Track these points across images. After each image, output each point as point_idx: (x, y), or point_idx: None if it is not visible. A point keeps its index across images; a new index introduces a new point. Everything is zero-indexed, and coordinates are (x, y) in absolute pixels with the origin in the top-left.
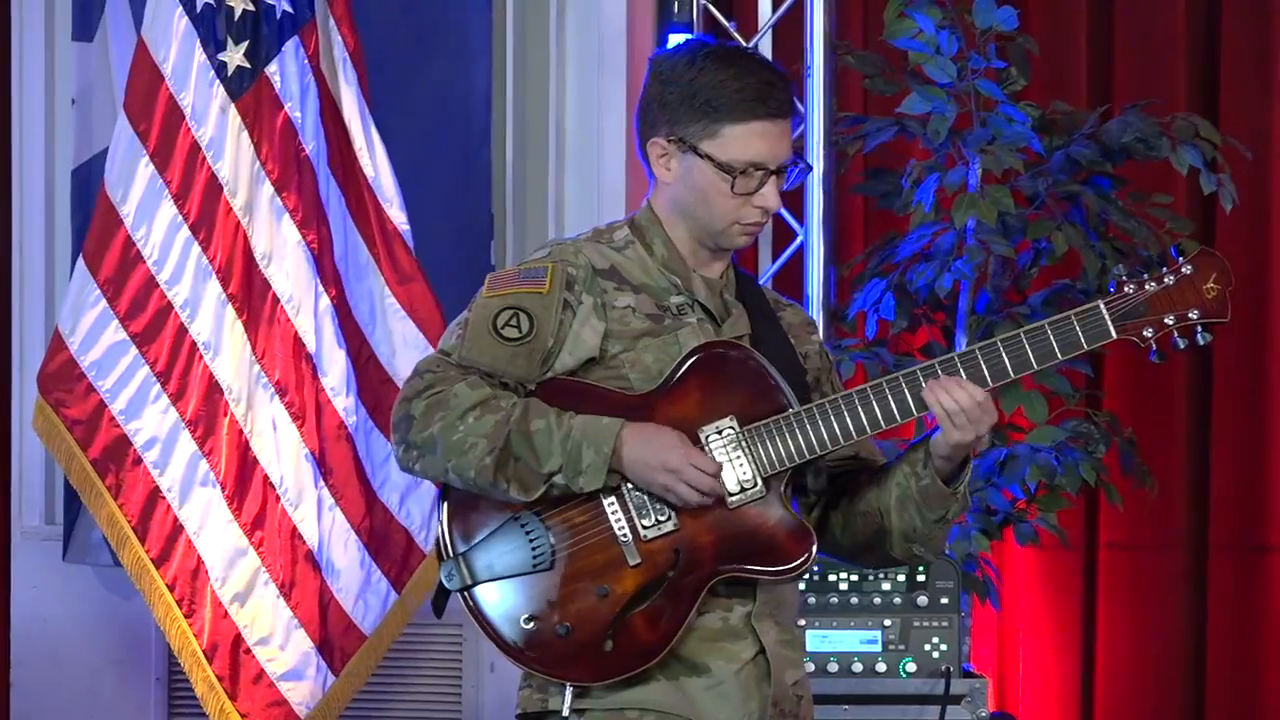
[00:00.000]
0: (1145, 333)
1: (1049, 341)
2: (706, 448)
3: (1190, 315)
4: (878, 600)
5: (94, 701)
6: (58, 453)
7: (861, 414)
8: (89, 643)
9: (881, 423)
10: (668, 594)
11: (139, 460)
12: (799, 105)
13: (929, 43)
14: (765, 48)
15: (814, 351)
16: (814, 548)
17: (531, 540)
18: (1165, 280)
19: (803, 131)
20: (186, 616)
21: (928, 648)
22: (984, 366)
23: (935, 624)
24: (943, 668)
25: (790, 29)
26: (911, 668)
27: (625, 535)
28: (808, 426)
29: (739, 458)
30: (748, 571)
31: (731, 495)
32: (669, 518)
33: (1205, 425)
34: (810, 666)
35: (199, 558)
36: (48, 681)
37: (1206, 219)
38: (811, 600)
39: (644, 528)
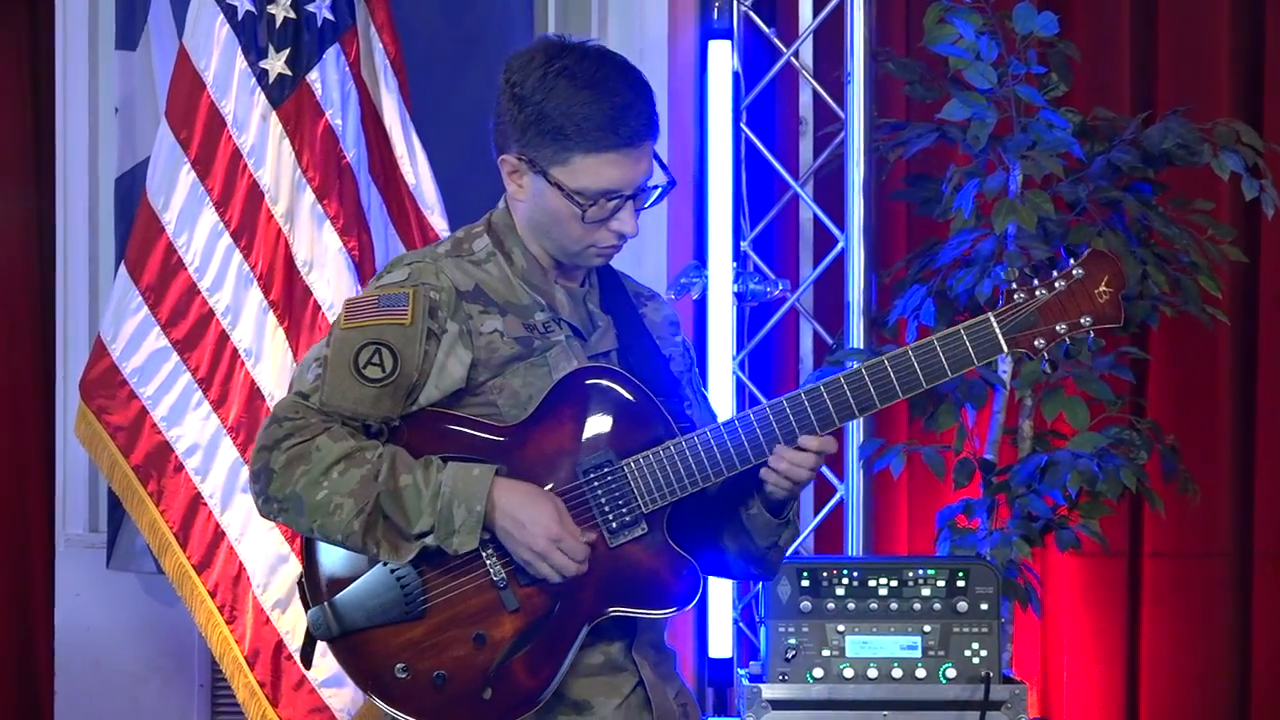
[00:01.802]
0: (1037, 343)
1: (938, 359)
2: (584, 487)
3: (1083, 322)
4: (917, 606)
5: (137, 709)
6: (100, 459)
7: (746, 446)
8: (132, 650)
9: (751, 460)
10: (547, 638)
11: (180, 467)
12: (658, 123)
13: (969, 48)
14: (806, 54)
15: (678, 353)
16: (699, 584)
17: (403, 586)
18: (1056, 286)
19: (841, 140)
20: (228, 623)
21: (968, 653)
22: (852, 400)
23: (975, 629)
24: (983, 673)
25: (831, 35)
26: (951, 673)
27: (502, 580)
28: (690, 458)
29: (618, 494)
30: (632, 613)
31: (611, 534)
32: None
33: (1249, 432)
34: (849, 672)
35: (240, 564)
36: (91, 689)
37: (1250, 225)
38: (851, 606)
39: (520, 572)
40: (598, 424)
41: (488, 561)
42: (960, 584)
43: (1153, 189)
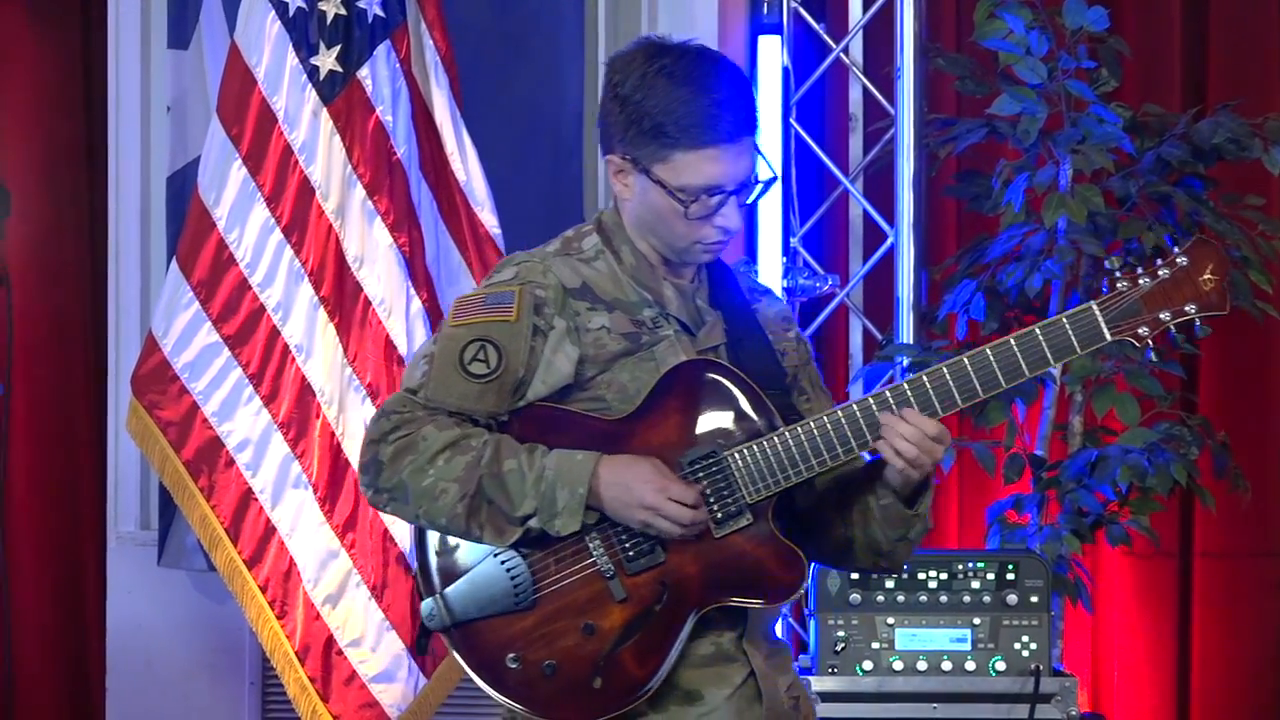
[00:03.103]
0: (1140, 331)
1: (1040, 348)
2: (687, 478)
3: (1187, 309)
4: (967, 599)
5: (188, 706)
6: (151, 454)
7: (850, 436)
8: (183, 647)
9: (855, 451)
10: (655, 627)
11: (231, 462)
12: (758, 118)
13: (1019, 43)
14: (856, 50)
15: (791, 347)
16: (805, 573)
17: (513, 577)
18: (1159, 274)
19: (891, 136)
20: (279, 618)
21: (1017, 646)
22: (954, 388)
23: (1025, 623)
24: (1032, 666)
25: (881, 31)
26: (1001, 666)
27: (609, 570)
28: (793, 449)
29: (723, 485)
30: (736, 602)
31: (717, 524)
32: (654, 551)
33: None
34: (899, 664)
35: (291, 559)
36: (142, 686)
37: None
38: (900, 598)
39: (628, 561)
40: (702, 415)
41: (594, 552)
42: (1010, 577)
43: (1203, 184)
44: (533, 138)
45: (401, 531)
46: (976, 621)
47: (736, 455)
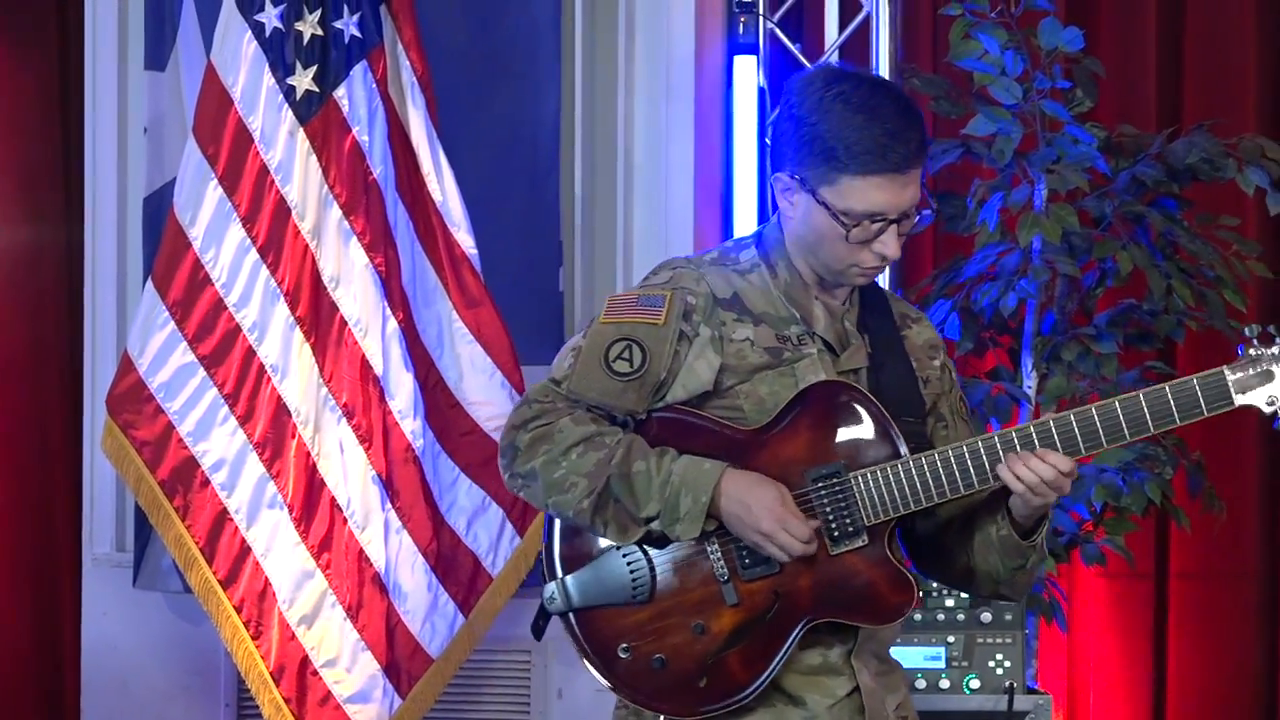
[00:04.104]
0: (1269, 397)
1: (1168, 405)
2: (810, 493)
3: None
4: (941, 617)
5: None
6: (126, 474)
7: (971, 471)
8: (159, 669)
9: (975, 485)
10: (763, 635)
11: (207, 482)
12: (927, 147)
13: (994, 64)
14: None
15: (934, 375)
16: (914, 599)
17: (633, 572)
18: None
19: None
20: (254, 638)
21: (991, 664)
22: (1076, 434)
23: (999, 640)
24: (1006, 684)
25: (856, 51)
26: (975, 684)
27: (724, 575)
28: (915, 477)
29: (843, 504)
30: (844, 620)
31: (833, 542)
32: (769, 560)
33: (1277, 451)
34: None
35: (266, 579)
36: (117, 708)
37: (1278, 242)
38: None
39: (744, 569)
40: (833, 435)
41: (711, 556)
42: None
43: (1177, 204)
44: (509, 159)
45: (377, 552)
46: (951, 640)
47: (860, 478)
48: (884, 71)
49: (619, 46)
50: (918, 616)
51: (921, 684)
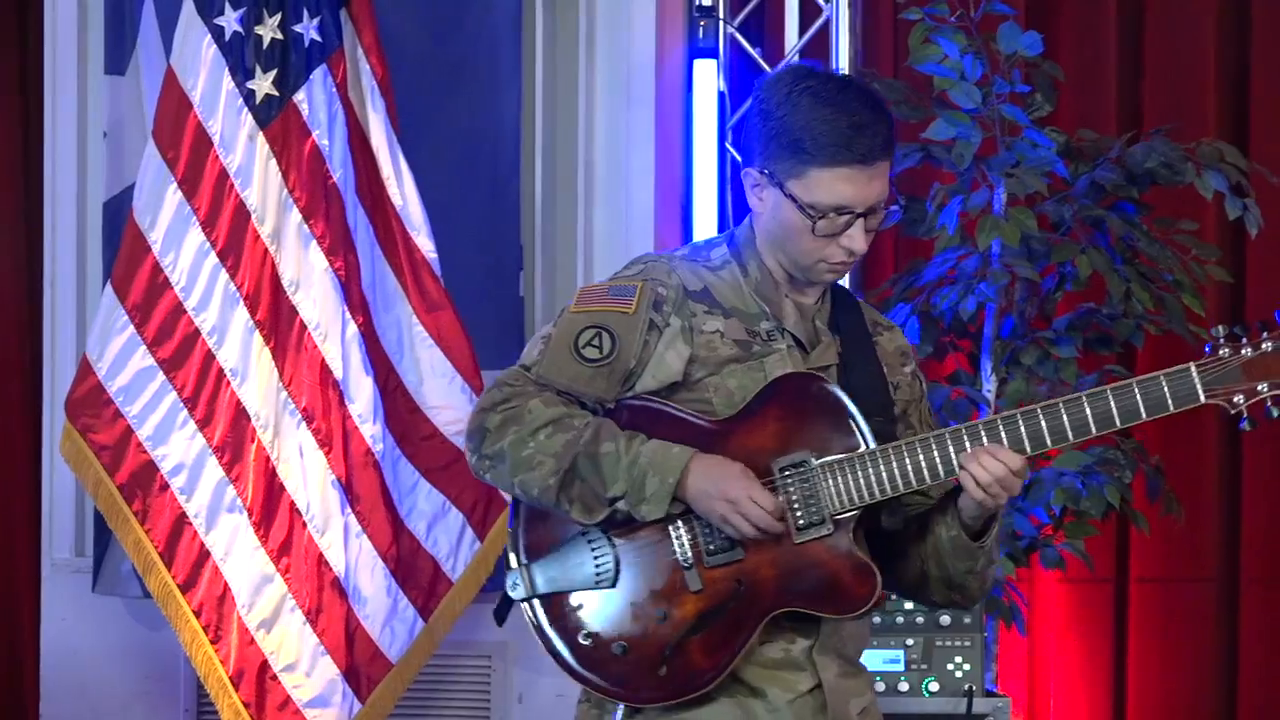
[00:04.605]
0: (1235, 398)
1: (1135, 401)
2: (777, 481)
3: None
4: (900, 620)
5: None
6: (85, 478)
7: (938, 460)
8: (118, 674)
9: (941, 476)
10: (727, 623)
11: (166, 486)
12: (893, 143)
13: (954, 68)
14: None
15: (905, 382)
16: (878, 589)
17: (596, 557)
18: (1263, 346)
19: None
20: (213, 642)
21: (950, 667)
22: (1045, 429)
23: (958, 644)
24: (965, 687)
25: (817, 55)
26: (934, 687)
27: (688, 561)
28: (881, 467)
29: (809, 494)
30: (807, 610)
31: (798, 530)
32: (734, 548)
33: (1236, 455)
34: None
35: (225, 584)
36: (77, 713)
37: (1236, 246)
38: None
39: (708, 555)
40: (800, 426)
41: (675, 541)
42: None
43: (1136, 208)
44: (470, 163)
45: (336, 557)
46: (910, 642)
47: (826, 468)
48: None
49: (579, 51)
50: (877, 619)
51: (881, 686)
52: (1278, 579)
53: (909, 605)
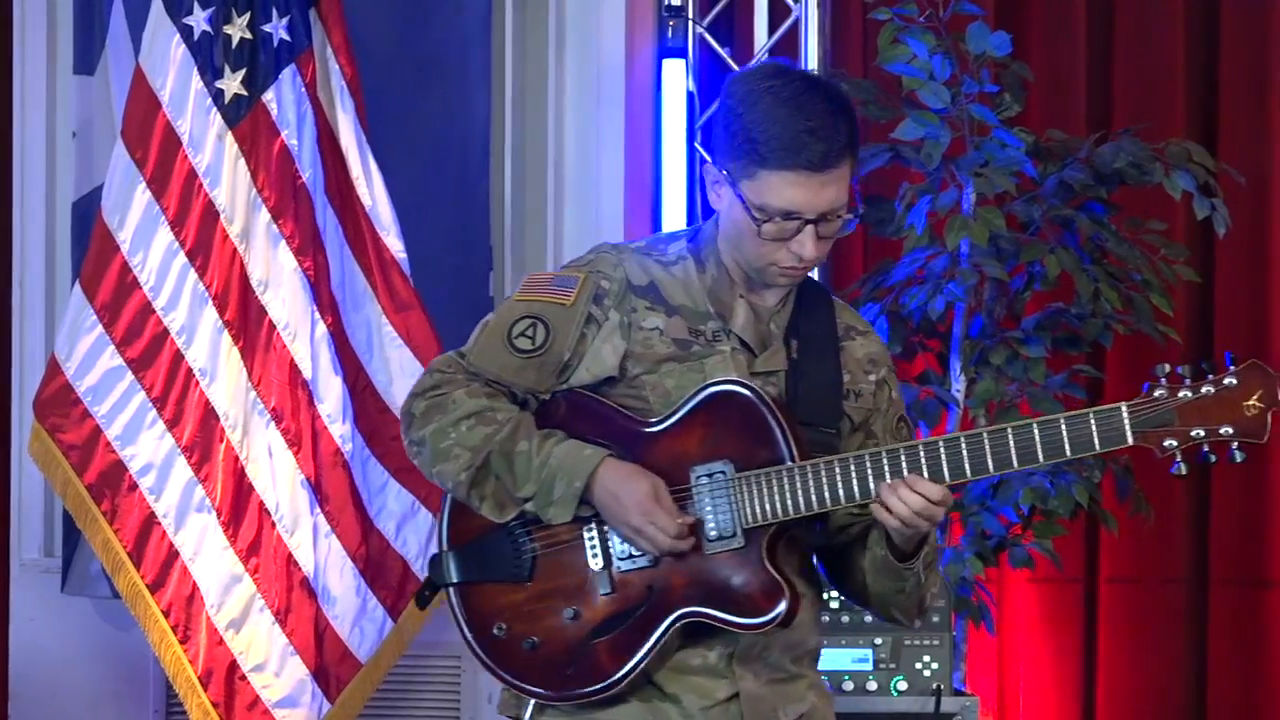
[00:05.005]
0: (1167, 443)
1: (1060, 438)
2: (693, 489)
3: (1222, 431)
4: (868, 619)
5: None
6: (54, 478)
7: (854, 483)
8: (87, 674)
9: (857, 498)
10: (635, 627)
11: (134, 486)
12: (853, 151)
13: (922, 68)
14: None
15: (868, 390)
16: (784, 606)
17: (516, 550)
18: (1203, 390)
19: None
20: (182, 642)
21: (919, 666)
22: (966, 459)
23: (926, 643)
24: (934, 686)
25: (786, 55)
26: (903, 686)
27: (599, 564)
28: (798, 484)
29: (723, 504)
30: (711, 618)
31: (709, 541)
32: (645, 553)
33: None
34: None
35: (194, 584)
36: (46, 713)
37: (1205, 247)
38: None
39: (619, 559)
40: (725, 435)
41: (588, 544)
42: None
43: (1105, 208)
44: (439, 163)
45: (305, 557)
46: (878, 641)
47: (743, 480)
48: None
49: (549, 51)
50: (845, 618)
51: (849, 685)
52: (1247, 580)
53: None
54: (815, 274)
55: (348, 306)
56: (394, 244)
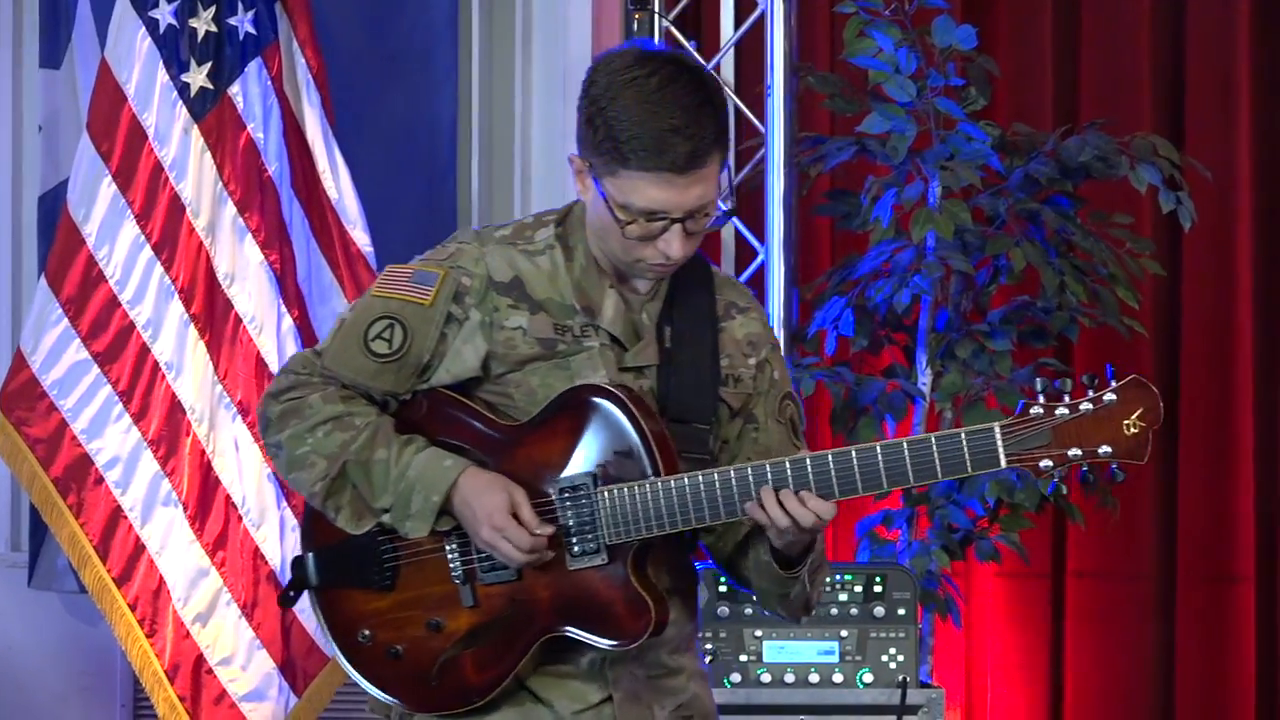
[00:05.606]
0: (1043, 464)
1: (931, 458)
2: (555, 503)
3: (1100, 451)
4: (834, 611)
5: None
6: (20, 472)
7: (719, 502)
8: (54, 669)
9: (723, 516)
10: (501, 640)
11: (101, 479)
12: (722, 145)
13: (889, 61)
14: (727, 68)
15: (747, 375)
16: (650, 625)
17: (381, 556)
18: (1081, 408)
19: (762, 154)
20: (148, 636)
21: (885, 658)
22: (834, 478)
23: (892, 635)
24: (899, 678)
25: (753, 49)
26: (868, 678)
27: (461, 576)
28: (661, 501)
29: (586, 519)
30: (580, 636)
31: (572, 557)
32: (508, 568)
33: (1172, 450)
34: (767, 677)
35: (161, 577)
36: (12, 708)
37: (1171, 241)
38: (768, 611)
39: (483, 572)
40: (588, 445)
41: (449, 555)
42: (877, 590)
43: (1071, 202)
44: (406, 157)
45: (272, 550)
46: (844, 634)
47: (606, 494)
48: (779, 69)
49: (516, 45)
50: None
51: (815, 678)
52: (1214, 575)
53: (843, 597)
54: (780, 263)
55: (314, 300)
56: (360, 237)
